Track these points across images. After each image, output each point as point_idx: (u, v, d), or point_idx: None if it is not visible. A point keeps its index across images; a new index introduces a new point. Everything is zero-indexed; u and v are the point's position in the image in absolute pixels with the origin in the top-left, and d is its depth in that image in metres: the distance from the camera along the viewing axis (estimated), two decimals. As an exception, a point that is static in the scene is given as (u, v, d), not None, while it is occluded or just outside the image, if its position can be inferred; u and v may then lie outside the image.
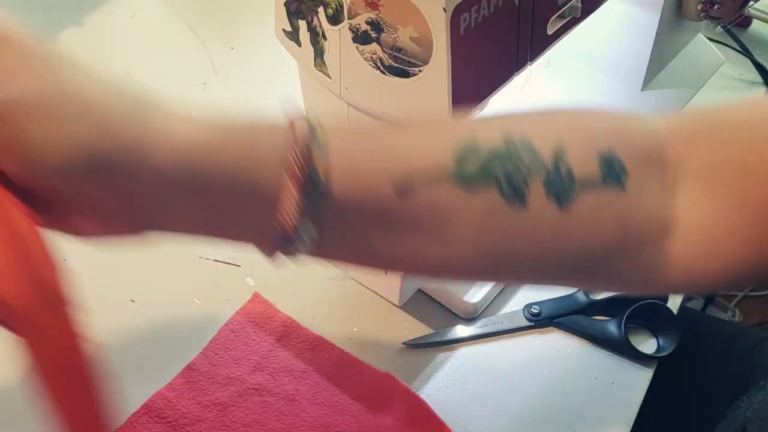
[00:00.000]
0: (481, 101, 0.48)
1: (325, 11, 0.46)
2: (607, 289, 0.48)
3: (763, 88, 0.86)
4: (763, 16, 0.83)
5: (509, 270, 0.42)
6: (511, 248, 0.39)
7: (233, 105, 0.79)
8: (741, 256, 0.42)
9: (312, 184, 0.33)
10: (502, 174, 0.37)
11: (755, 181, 0.41)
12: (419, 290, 0.62)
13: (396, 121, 0.48)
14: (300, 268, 0.66)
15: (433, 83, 0.44)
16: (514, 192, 0.38)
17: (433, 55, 0.43)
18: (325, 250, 0.36)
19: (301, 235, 0.34)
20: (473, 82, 0.47)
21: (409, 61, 0.44)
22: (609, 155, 0.40)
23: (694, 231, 0.42)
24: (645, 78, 0.69)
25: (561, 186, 0.39)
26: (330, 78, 0.49)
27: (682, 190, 0.42)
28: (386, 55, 0.45)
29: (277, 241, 0.34)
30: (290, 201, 0.33)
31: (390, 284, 0.58)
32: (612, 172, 0.40)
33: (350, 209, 0.35)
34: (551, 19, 0.50)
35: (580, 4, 0.51)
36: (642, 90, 0.70)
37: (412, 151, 0.37)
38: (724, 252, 0.42)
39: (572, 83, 0.70)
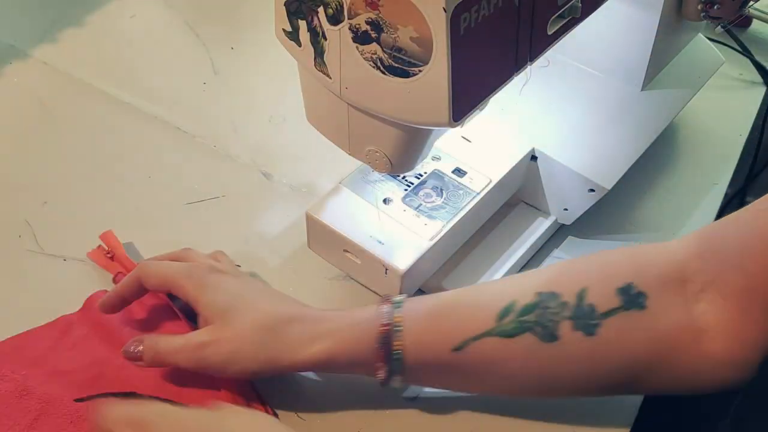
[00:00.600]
0: (481, 101, 0.48)
1: (325, 11, 0.46)
2: (657, 394, 0.55)
3: (763, 88, 0.86)
4: (763, 16, 0.83)
5: (557, 390, 0.53)
6: (553, 374, 0.51)
7: (233, 105, 0.79)
8: (762, 338, 0.48)
9: (393, 361, 0.51)
10: (534, 322, 0.49)
11: (753, 277, 0.48)
12: (419, 290, 0.62)
13: (396, 121, 0.49)
14: (300, 268, 0.66)
15: (433, 83, 0.44)
16: (547, 332, 0.49)
17: (433, 55, 0.43)
18: (412, 384, 0.56)
19: (392, 383, 0.53)
20: (473, 82, 0.47)
21: (409, 61, 0.44)
22: (626, 286, 0.50)
23: (723, 329, 0.49)
24: (645, 78, 0.69)
25: (585, 319, 0.49)
26: (330, 78, 0.49)
27: (705, 298, 0.49)
28: (386, 55, 0.45)
29: (380, 383, 0.53)
30: (381, 372, 0.52)
31: (390, 284, 0.58)
32: (631, 299, 0.49)
33: (419, 368, 0.52)
34: (551, 19, 0.50)
35: (580, 4, 0.51)
36: (642, 90, 0.70)
37: (465, 322, 0.51)
38: (751, 339, 0.48)
39: (572, 83, 0.70)
